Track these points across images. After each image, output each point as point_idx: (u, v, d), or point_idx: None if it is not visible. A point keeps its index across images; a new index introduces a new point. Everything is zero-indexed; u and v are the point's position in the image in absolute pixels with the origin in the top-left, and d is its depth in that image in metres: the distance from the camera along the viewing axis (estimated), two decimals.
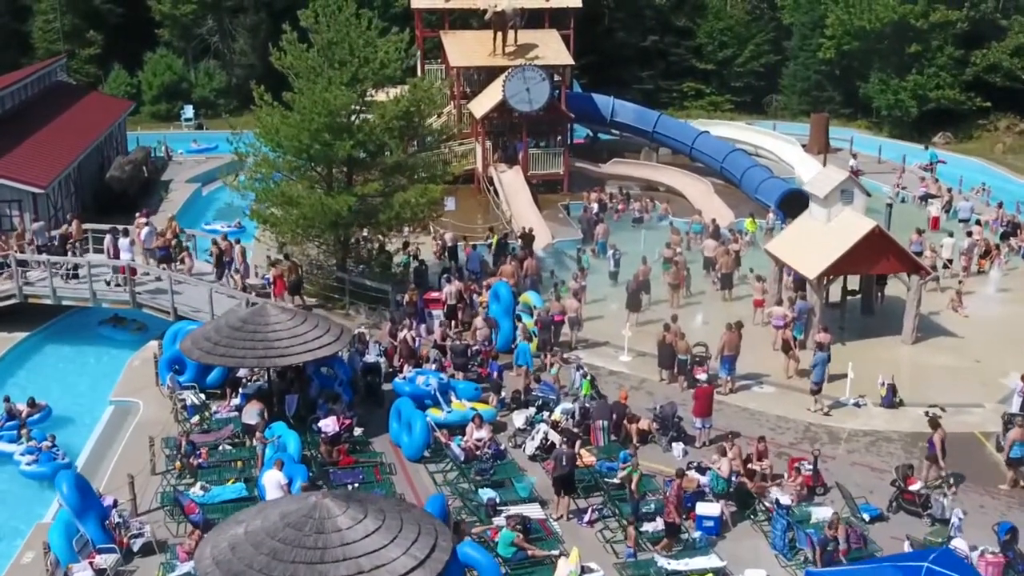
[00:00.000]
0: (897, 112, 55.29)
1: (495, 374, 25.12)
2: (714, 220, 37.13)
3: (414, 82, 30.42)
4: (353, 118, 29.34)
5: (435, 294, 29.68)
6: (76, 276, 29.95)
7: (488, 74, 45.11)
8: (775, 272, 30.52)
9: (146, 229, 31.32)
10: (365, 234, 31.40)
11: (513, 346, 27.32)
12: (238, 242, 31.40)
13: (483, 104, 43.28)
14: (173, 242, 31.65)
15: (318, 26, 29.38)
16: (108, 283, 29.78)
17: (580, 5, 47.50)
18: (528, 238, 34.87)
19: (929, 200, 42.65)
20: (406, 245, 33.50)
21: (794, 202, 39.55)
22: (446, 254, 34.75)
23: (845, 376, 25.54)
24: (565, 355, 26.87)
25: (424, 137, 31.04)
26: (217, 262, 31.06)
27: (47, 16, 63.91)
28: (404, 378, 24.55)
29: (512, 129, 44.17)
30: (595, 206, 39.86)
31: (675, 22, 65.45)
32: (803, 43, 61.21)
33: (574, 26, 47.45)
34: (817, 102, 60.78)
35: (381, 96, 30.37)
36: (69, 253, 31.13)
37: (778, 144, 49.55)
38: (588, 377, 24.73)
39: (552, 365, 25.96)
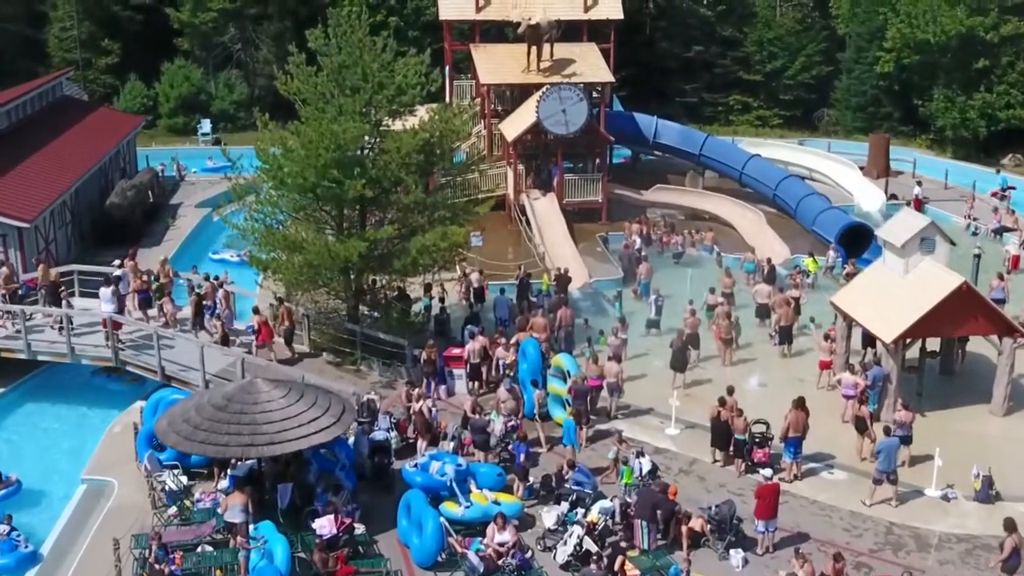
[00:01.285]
0: (964, 132, 51.15)
1: (521, 456, 21.64)
2: (769, 260, 33.40)
3: (435, 109, 27.02)
4: (366, 151, 26.07)
5: (456, 351, 26.28)
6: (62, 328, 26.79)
7: (522, 91, 41.75)
8: (842, 328, 26.84)
9: (118, 273, 28.08)
10: (383, 280, 28.05)
11: (536, 413, 24.03)
12: (221, 285, 28.08)
13: (515, 125, 39.85)
14: (154, 286, 28.36)
15: (327, 48, 26.12)
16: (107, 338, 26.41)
17: (621, 17, 44.03)
18: (563, 280, 31.44)
19: (1004, 234, 38.69)
20: (428, 288, 30.20)
21: (856, 237, 35.96)
22: (472, 297, 31.40)
23: (931, 458, 21.97)
24: (623, 434, 23.21)
25: (447, 171, 27.65)
26: (196, 309, 27.72)
27: (63, 24, 61.23)
28: (416, 465, 21.13)
29: (546, 152, 40.75)
30: (637, 240, 36.29)
31: (721, 31, 61.73)
32: (859, 55, 57.17)
33: (614, 38, 43.98)
34: (873, 119, 56.83)
35: (399, 125, 27.08)
36: (64, 303, 27.70)
37: (834, 167, 45.73)
38: (629, 463, 21.26)
39: (613, 447, 22.41)
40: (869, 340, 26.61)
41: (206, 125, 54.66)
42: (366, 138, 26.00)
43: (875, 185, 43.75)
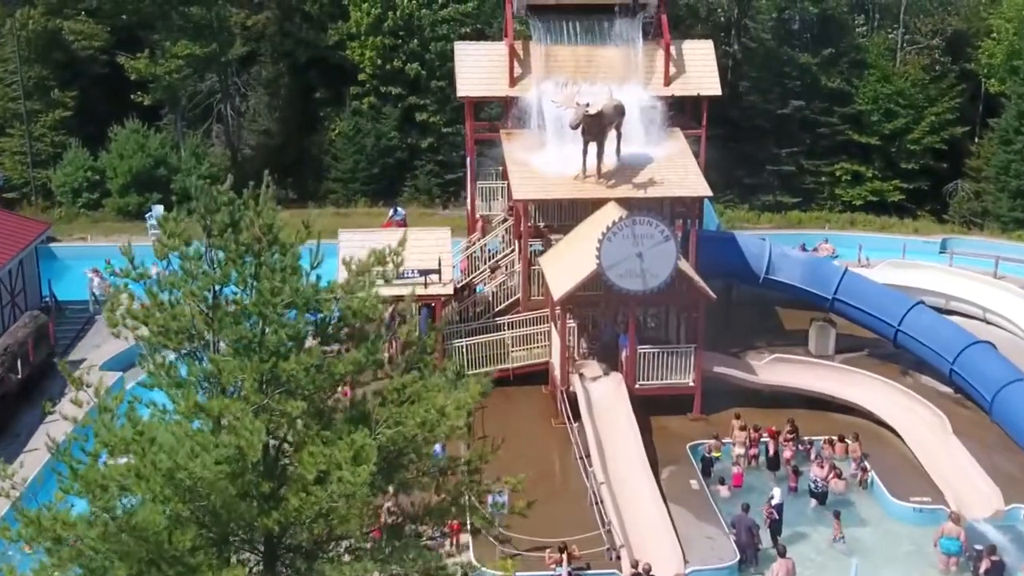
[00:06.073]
0: None
1: None
2: (992, 552, 19.74)
3: (412, 381, 13.68)
4: (266, 477, 12.87)
5: None
6: None
7: (573, 202, 28.70)
8: None
9: None
10: None
11: None
12: None
13: (565, 274, 26.39)
14: None
15: (197, 263, 13.01)
16: None
17: (719, 92, 30.75)
18: None
19: None
20: None
21: None
22: None
23: None
24: None
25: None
26: None
27: (7, 64, 48.72)
28: None
29: (609, 307, 27.45)
30: (780, 496, 22.04)
31: (827, 83, 48.65)
32: (1021, 123, 43.34)
33: (706, 121, 30.76)
34: None
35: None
36: None
37: (1018, 304, 31.95)
38: None
39: None
40: None
41: (157, 212, 41.22)
42: (268, 440, 12.84)
43: None
